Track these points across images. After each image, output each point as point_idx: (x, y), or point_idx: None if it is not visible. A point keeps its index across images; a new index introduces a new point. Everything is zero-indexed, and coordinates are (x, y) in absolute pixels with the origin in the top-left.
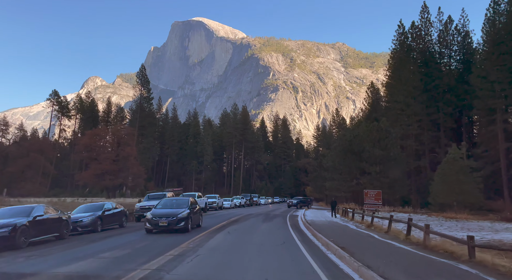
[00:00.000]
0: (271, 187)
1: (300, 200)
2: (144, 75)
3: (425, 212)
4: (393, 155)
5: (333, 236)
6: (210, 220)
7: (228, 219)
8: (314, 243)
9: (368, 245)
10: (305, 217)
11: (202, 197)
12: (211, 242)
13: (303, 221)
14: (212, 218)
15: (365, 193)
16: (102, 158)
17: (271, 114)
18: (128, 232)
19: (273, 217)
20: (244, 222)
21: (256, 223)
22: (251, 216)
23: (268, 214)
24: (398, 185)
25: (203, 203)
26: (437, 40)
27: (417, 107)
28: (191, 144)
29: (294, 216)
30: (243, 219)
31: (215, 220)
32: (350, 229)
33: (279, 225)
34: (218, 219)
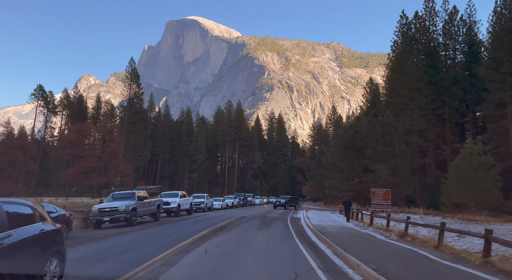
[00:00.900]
0: (266, 186)
1: (288, 199)
2: (134, 70)
3: (438, 213)
4: (398, 151)
5: (367, 256)
6: (189, 227)
7: (214, 224)
8: (344, 270)
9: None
10: (309, 220)
11: (186, 197)
12: None
13: (311, 228)
14: (193, 223)
15: (372, 192)
16: (87, 155)
17: (266, 114)
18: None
19: (271, 220)
20: (234, 229)
21: (249, 231)
22: (244, 219)
23: (264, 217)
24: (404, 184)
25: (188, 203)
26: (441, 31)
27: (422, 101)
28: (183, 142)
29: (296, 220)
30: (233, 224)
31: (195, 226)
32: (380, 241)
33: (281, 235)
34: (200, 224)
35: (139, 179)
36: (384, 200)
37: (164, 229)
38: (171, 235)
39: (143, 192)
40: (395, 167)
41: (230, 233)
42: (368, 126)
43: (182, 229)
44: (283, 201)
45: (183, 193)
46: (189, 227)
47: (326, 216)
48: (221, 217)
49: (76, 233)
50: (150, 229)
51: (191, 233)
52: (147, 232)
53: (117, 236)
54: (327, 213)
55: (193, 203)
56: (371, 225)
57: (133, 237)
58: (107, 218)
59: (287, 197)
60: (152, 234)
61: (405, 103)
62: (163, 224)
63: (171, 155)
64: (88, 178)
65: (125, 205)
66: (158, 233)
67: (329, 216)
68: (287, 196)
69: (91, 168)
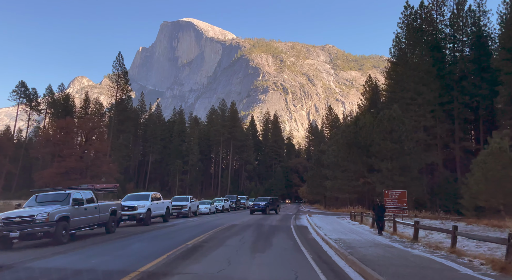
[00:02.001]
0: (261, 188)
1: (268, 201)
2: (122, 65)
3: (459, 218)
4: (407, 148)
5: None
6: (142, 247)
7: (186, 240)
8: None
9: None
10: (322, 231)
11: (160, 199)
12: None
13: (332, 246)
14: (156, 238)
15: (385, 193)
16: (67, 154)
17: (261, 116)
18: None
19: (270, 232)
20: (213, 253)
21: (237, 258)
22: (233, 230)
23: (260, 226)
24: (413, 185)
25: (163, 208)
26: (449, 22)
27: (430, 95)
28: (175, 143)
29: (302, 229)
30: (215, 241)
31: (154, 245)
32: (453, 271)
33: (292, 264)
34: (165, 240)
35: (128, 180)
36: (400, 203)
37: (82, 257)
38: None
39: (85, 193)
40: (403, 166)
41: (203, 264)
42: (372, 122)
43: (119, 256)
44: (262, 204)
45: (156, 195)
46: (141, 248)
47: (337, 223)
48: (203, 226)
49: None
50: (68, 254)
51: (127, 265)
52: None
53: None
54: (335, 219)
55: (170, 207)
56: (416, 241)
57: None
58: (16, 234)
59: (267, 198)
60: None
61: (411, 99)
62: (110, 240)
63: (162, 155)
64: (68, 178)
65: (46, 213)
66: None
67: (342, 223)
68: (267, 197)
69: (72, 168)
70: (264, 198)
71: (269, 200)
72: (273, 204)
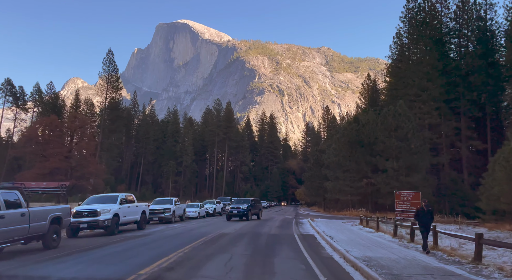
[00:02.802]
0: (257, 190)
1: (250, 204)
2: (112, 62)
3: (478, 223)
4: (414, 147)
5: None
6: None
7: (142, 266)
8: None
9: None
10: (337, 243)
11: (133, 202)
12: None
13: (366, 273)
14: (101, 259)
15: (397, 195)
16: (50, 154)
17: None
18: None
19: (269, 244)
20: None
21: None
22: (221, 243)
23: (256, 235)
24: (421, 186)
25: (137, 212)
26: (453, 15)
27: (436, 91)
28: (169, 143)
29: (311, 241)
30: (188, 266)
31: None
32: None
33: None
34: (108, 267)
35: (119, 182)
36: (413, 205)
37: None
38: None
39: (5, 194)
40: (410, 165)
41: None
42: (375, 120)
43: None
44: (244, 207)
45: (128, 197)
46: None
47: (349, 230)
48: (182, 237)
49: None
50: None
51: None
52: None
53: None
54: (342, 224)
55: (148, 211)
56: (480, 261)
57: None
58: None
59: (247, 200)
60: None
61: (415, 95)
62: (18, 266)
63: (155, 156)
64: (52, 180)
65: None
66: None
67: (355, 231)
68: (248, 199)
69: (56, 168)
70: (245, 200)
71: (250, 202)
72: (255, 207)
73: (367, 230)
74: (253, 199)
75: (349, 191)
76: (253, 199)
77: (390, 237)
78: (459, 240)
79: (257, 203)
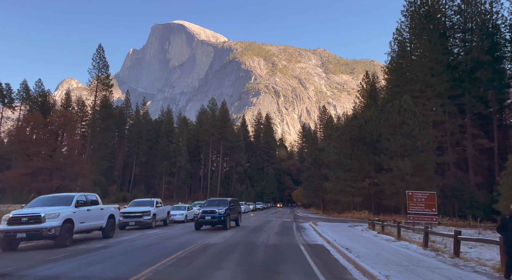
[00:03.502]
0: (253, 191)
1: (228, 205)
2: (102, 58)
3: (492, 226)
4: (421, 144)
5: None
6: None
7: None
8: None
9: None
10: (361, 260)
11: (98, 204)
12: None
13: None
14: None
15: (409, 195)
16: (34, 153)
17: (253, 119)
18: None
19: (269, 263)
20: None
21: None
22: (200, 263)
23: (251, 247)
24: (429, 186)
25: (102, 217)
26: (457, 9)
27: (441, 87)
28: (162, 143)
29: (319, 251)
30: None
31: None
32: None
33: None
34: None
35: (111, 183)
36: (427, 208)
37: None
38: None
39: None
40: (417, 164)
41: None
42: (379, 116)
43: None
44: (221, 211)
45: (90, 198)
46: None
47: (364, 238)
48: (153, 250)
49: None
50: None
51: None
52: None
53: None
54: (349, 229)
55: (117, 215)
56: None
57: None
58: None
59: (225, 201)
60: None
61: (419, 91)
62: None
63: (148, 157)
64: (35, 180)
65: None
66: None
67: (373, 240)
68: (225, 199)
69: (40, 168)
70: (221, 201)
71: (229, 204)
72: (234, 210)
73: (385, 238)
74: (232, 200)
75: (350, 191)
76: (232, 200)
77: (420, 248)
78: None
79: (236, 204)
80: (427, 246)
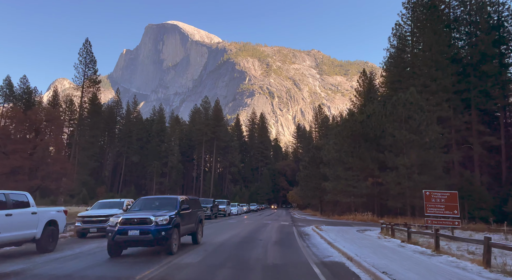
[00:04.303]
0: (247, 192)
1: (179, 209)
2: (89, 52)
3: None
4: (429, 140)
5: None
6: None
7: None
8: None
9: None
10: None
11: (27, 206)
12: None
13: None
14: None
15: (426, 195)
16: (12, 150)
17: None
18: None
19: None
20: None
21: None
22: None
23: (242, 271)
24: (438, 186)
25: (34, 224)
26: (462, 0)
27: (447, 81)
28: (154, 143)
29: (343, 275)
30: None
31: None
32: None
33: None
34: None
35: (100, 184)
36: (448, 209)
37: None
38: None
39: None
40: (425, 162)
41: None
42: (381, 111)
43: None
44: (159, 219)
45: (12, 197)
46: None
47: (393, 251)
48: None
49: None
50: None
51: None
52: None
53: None
54: (360, 234)
55: (61, 221)
56: None
57: None
58: None
59: (172, 200)
60: None
61: (423, 85)
62: None
63: (139, 157)
64: (13, 180)
65: None
66: None
67: (405, 253)
68: (172, 197)
69: (18, 167)
70: (165, 200)
71: (179, 207)
72: (187, 217)
73: (418, 249)
74: (186, 199)
75: (352, 191)
76: (186, 199)
77: (480, 267)
78: None
79: (194, 205)
80: (490, 266)
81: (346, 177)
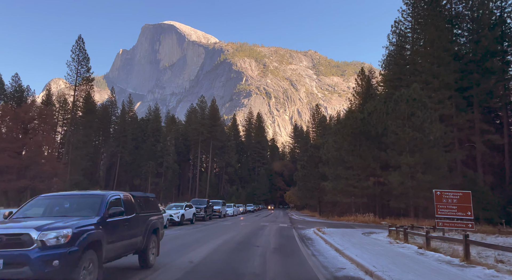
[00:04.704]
0: (243, 192)
1: (102, 216)
2: (82, 50)
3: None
4: (433, 138)
5: None
6: None
7: None
8: None
9: None
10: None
11: None
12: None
13: None
14: None
15: (437, 195)
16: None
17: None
18: None
19: None
20: None
21: None
22: None
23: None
24: (443, 186)
25: None
26: None
27: (450, 77)
28: (149, 143)
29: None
30: None
31: None
32: None
33: None
34: None
35: (93, 184)
36: (461, 211)
37: None
38: None
39: None
40: (429, 160)
41: None
42: (383, 108)
43: None
44: (61, 234)
45: None
46: None
47: (419, 263)
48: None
49: None
50: None
51: None
52: None
53: None
54: (368, 238)
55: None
56: None
57: None
58: None
59: (94, 200)
60: None
61: (424, 82)
62: None
63: (134, 156)
64: (0, 180)
65: None
66: None
67: (430, 264)
68: (90, 194)
69: (5, 166)
70: (78, 199)
71: (104, 210)
72: (128, 229)
73: (443, 259)
74: (126, 197)
75: (352, 191)
76: (126, 197)
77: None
78: None
79: (145, 207)
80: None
81: (346, 176)
